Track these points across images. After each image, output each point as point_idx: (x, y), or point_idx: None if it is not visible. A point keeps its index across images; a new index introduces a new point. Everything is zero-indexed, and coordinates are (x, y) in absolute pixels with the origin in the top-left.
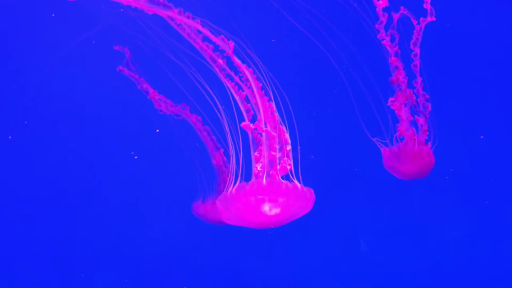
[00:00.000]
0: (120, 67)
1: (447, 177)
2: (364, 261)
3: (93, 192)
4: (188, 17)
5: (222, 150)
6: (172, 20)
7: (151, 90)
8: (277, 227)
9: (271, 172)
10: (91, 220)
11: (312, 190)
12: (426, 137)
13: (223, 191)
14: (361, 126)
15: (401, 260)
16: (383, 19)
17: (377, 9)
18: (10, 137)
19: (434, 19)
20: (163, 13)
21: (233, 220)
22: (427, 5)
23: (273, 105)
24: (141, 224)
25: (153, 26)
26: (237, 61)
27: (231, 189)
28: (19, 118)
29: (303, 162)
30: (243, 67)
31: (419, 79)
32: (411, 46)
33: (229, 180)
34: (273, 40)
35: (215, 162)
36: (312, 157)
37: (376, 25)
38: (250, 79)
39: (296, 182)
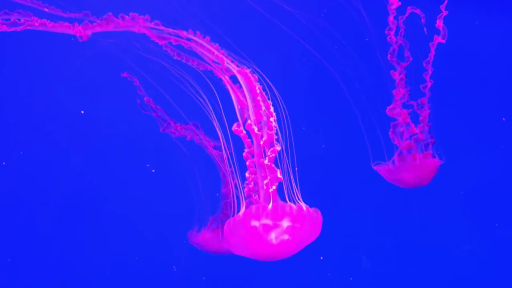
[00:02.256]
0: (140, 102)
1: (462, 192)
2: (367, 277)
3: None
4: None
5: (232, 174)
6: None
7: (169, 124)
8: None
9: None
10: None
11: (318, 210)
12: (427, 147)
13: (224, 218)
14: (361, 134)
15: (404, 274)
16: (393, 25)
17: (389, 15)
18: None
19: (444, 41)
20: (175, 40)
21: (240, 250)
22: (440, 26)
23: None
24: (138, 249)
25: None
26: (242, 81)
27: (238, 213)
28: (21, 134)
29: (303, 170)
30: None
31: (427, 100)
32: (424, 65)
33: (234, 205)
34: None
35: (224, 189)
36: (323, 146)
37: (386, 31)
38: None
39: (301, 203)
